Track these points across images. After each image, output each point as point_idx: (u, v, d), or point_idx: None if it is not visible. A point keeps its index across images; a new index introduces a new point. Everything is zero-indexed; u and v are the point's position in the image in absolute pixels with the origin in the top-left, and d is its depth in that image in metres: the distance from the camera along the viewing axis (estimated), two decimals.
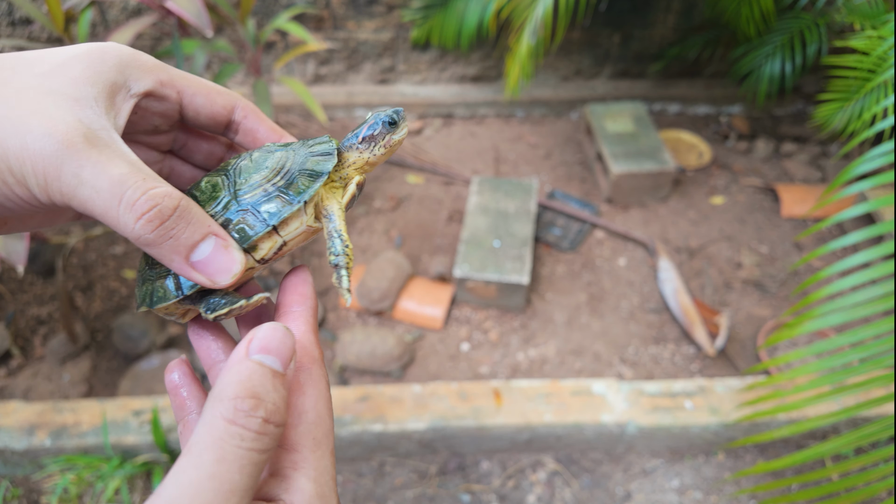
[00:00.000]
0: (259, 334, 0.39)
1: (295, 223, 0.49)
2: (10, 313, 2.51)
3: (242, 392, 0.36)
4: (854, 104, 2.17)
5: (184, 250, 0.42)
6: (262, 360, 0.38)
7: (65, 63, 0.41)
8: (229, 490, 0.33)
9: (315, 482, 0.40)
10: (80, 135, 0.38)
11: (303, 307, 0.48)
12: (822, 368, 1.59)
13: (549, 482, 2.15)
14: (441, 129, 3.71)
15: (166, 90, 0.47)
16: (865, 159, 1.56)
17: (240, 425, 0.35)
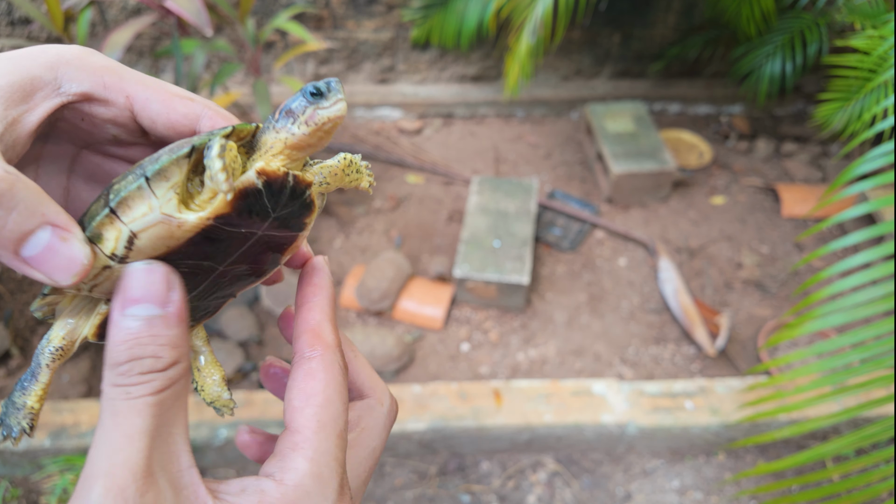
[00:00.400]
0: (125, 286, 0.38)
1: (141, 208, 0.37)
2: (7, 311, 2.51)
3: (121, 357, 0.36)
4: (854, 104, 2.17)
5: (10, 244, 0.34)
6: (133, 312, 0.37)
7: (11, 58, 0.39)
8: (133, 433, 0.34)
9: (312, 462, 0.40)
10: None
11: (318, 296, 0.47)
12: (823, 369, 1.58)
13: (550, 483, 2.15)
14: (441, 128, 3.71)
15: (111, 94, 0.42)
16: (866, 159, 1.56)
17: (121, 386, 0.35)
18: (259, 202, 0.40)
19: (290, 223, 0.43)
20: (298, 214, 0.43)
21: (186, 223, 0.38)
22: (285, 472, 0.39)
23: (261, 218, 0.41)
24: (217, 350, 2.38)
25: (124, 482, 0.33)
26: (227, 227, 0.40)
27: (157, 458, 0.35)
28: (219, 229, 0.40)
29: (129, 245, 0.38)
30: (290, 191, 0.41)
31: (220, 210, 0.39)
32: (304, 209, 0.43)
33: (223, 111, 0.45)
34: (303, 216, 0.44)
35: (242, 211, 0.40)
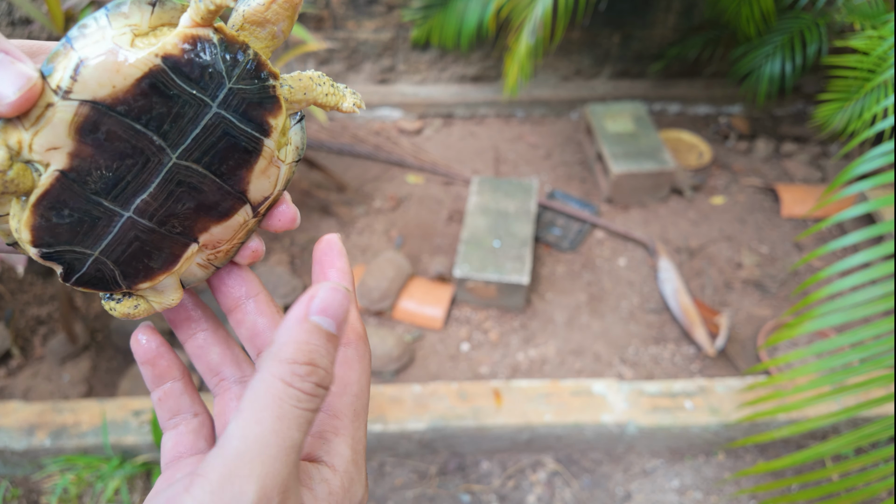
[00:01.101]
0: (320, 294, 0.39)
1: (95, 36, 0.36)
2: (8, 311, 2.51)
3: (301, 357, 0.37)
4: (854, 104, 2.17)
5: None
6: (320, 322, 0.38)
7: None
8: (290, 445, 0.36)
9: (352, 449, 0.43)
10: None
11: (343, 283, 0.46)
12: (822, 368, 1.58)
13: (549, 482, 2.15)
14: (441, 129, 3.71)
15: None
16: (865, 159, 1.56)
17: (297, 388, 0.36)
18: (213, 58, 0.38)
19: (250, 113, 0.40)
20: (259, 103, 0.40)
21: (133, 58, 0.36)
22: (333, 456, 0.42)
23: (214, 83, 0.38)
24: None
25: (272, 493, 0.35)
26: (176, 76, 0.37)
27: (294, 474, 0.37)
28: (166, 77, 0.37)
29: (75, 75, 0.35)
30: (247, 65, 0.39)
31: (168, 49, 0.37)
32: (265, 97, 0.40)
33: None
34: (264, 108, 0.41)
35: (193, 59, 0.37)
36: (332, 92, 0.44)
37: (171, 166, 0.39)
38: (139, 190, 0.39)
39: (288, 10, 0.39)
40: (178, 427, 0.48)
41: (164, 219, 0.41)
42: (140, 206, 0.39)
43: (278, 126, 0.41)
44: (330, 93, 0.44)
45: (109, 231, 0.39)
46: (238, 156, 0.41)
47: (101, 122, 0.36)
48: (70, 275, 0.41)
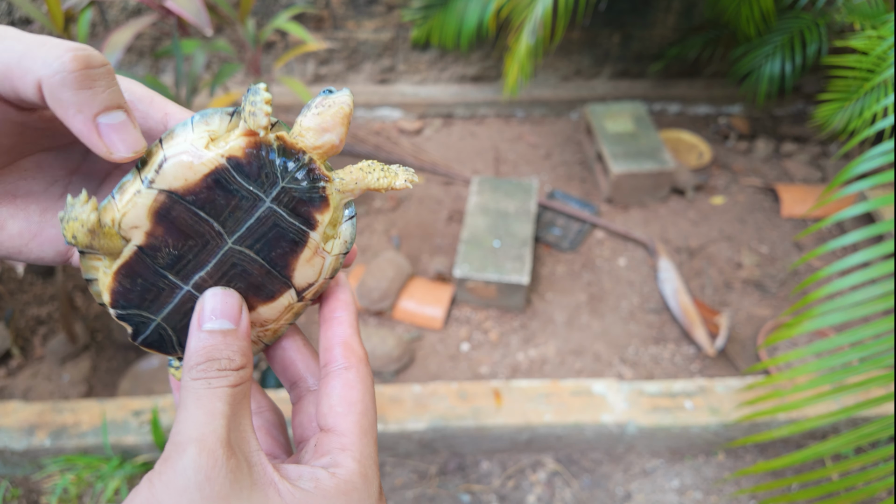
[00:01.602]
0: (206, 303, 0.45)
1: (179, 139, 0.43)
2: (8, 311, 2.51)
3: (200, 359, 0.42)
4: (854, 104, 2.17)
5: (96, 106, 0.39)
6: (211, 326, 0.44)
7: None
8: (215, 412, 0.40)
9: (359, 463, 0.45)
10: None
11: (345, 312, 0.51)
12: (821, 368, 1.58)
13: (549, 482, 2.15)
14: (441, 129, 3.71)
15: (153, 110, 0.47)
16: (865, 158, 1.56)
17: (203, 378, 0.42)
18: (270, 160, 0.44)
19: (299, 209, 0.46)
20: (307, 200, 0.46)
21: (204, 157, 0.43)
22: (337, 467, 0.44)
23: (269, 182, 0.44)
24: None
25: (213, 446, 0.38)
26: (237, 174, 0.44)
27: (234, 437, 0.40)
28: (228, 175, 0.43)
29: (158, 169, 0.43)
30: (301, 167, 0.45)
31: (234, 151, 0.43)
32: (314, 196, 0.46)
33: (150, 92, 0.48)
34: (312, 205, 0.46)
35: (253, 161, 0.44)
36: (383, 175, 0.48)
37: (227, 250, 0.46)
38: (198, 268, 0.45)
39: (339, 119, 0.45)
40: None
41: None
42: (198, 281, 0.46)
43: (324, 221, 0.47)
44: (381, 177, 0.48)
45: (171, 301, 0.46)
46: (286, 245, 0.46)
47: (172, 208, 0.43)
48: (136, 336, 0.47)
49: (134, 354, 2.46)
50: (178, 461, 0.38)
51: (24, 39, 0.38)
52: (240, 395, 0.43)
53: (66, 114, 0.39)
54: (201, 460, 0.38)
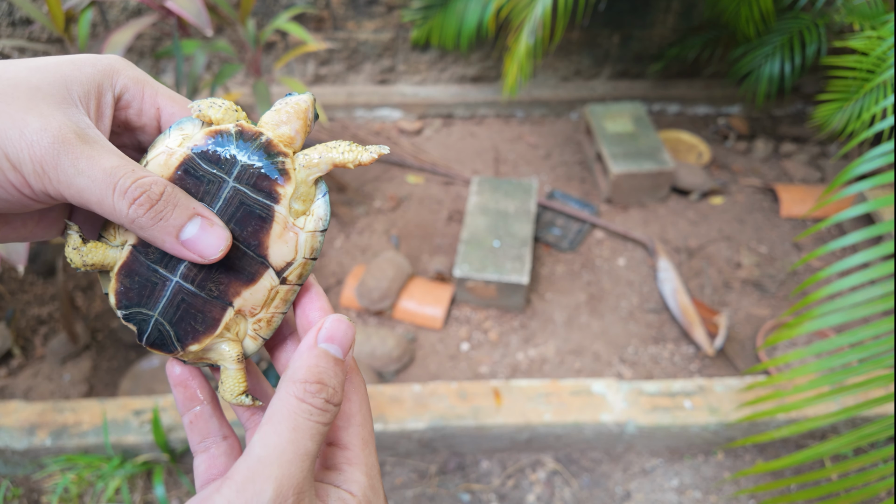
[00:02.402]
0: (326, 325, 0.46)
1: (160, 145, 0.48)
2: (9, 311, 2.51)
3: (311, 377, 0.44)
4: (853, 104, 2.18)
5: (173, 230, 0.44)
6: (327, 348, 0.46)
7: (57, 63, 0.45)
8: (304, 453, 0.42)
9: (367, 476, 0.47)
10: (72, 132, 0.42)
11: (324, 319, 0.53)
12: (821, 369, 1.59)
13: (549, 481, 2.16)
14: (441, 129, 3.72)
15: (146, 105, 0.49)
16: (865, 160, 1.57)
17: (308, 403, 0.43)
18: (229, 144, 0.48)
19: (260, 184, 0.47)
20: (267, 175, 0.48)
21: (175, 153, 0.47)
22: (351, 484, 0.46)
23: (230, 163, 0.47)
24: None
25: (287, 493, 0.40)
26: (201, 161, 0.47)
27: (309, 479, 0.42)
28: (194, 163, 0.47)
29: (146, 166, 0.47)
30: (259, 146, 0.48)
31: (196, 140, 0.47)
32: (272, 170, 0.48)
33: None
34: (272, 180, 0.48)
35: (214, 147, 0.47)
36: (349, 149, 0.49)
37: None
38: None
39: (294, 113, 0.49)
40: (209, 450, 0.52)
41: (203, 283, 0.48)
42: (184, 271, 0.48)
43: (287, 194, 0.48)
44: (346, 150, 0.49)
45: (164, 294, 0.48)
46: (255, 222, 0.48)
47: None
48: (141, 336, 0.49)
49: (134, 354, 2.46)
50: (256, 491, 0.40)
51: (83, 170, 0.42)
52: (324, 437, 0.44)
53: (157, 243, 0.45)
54: (277, 501, 0.40)
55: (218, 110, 0.48)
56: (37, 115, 0.41)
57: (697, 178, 3.17)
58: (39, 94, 0.43)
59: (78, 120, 0.43)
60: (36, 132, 0.41)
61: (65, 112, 0.43)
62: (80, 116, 0.44)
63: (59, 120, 0.42)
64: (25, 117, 0.41)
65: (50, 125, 0.41)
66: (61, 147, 0.41)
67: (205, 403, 0.53)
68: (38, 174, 0.41)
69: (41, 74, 0.44)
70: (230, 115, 0.49)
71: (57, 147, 0.41)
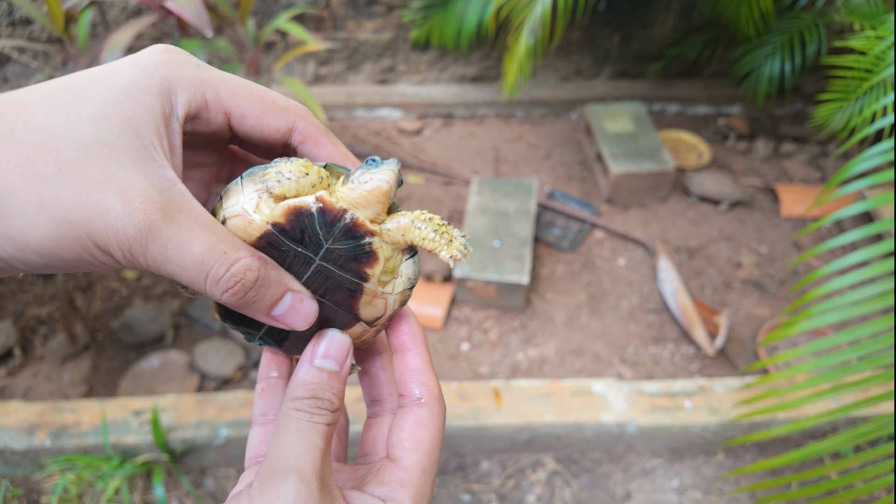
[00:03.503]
0: (323, 341, 0.49)
1: (232, 200, 0.47)
2: (18, 310, 2.51)
3: (306, 393, 0.47)
4: (853, 104, 2.18)
5: (266, 309, 0.46)
6: (322, 364, 0.48)
7: (116, 101, 0.41)
8: (314, 445, 0.45)
9: (415, 501, 0.49)
10: (157, 209, 0.40)
11: (418, 344, 0.55)
12: (820, 367, 1.59)
13: (549, 482, 2.16)
14: (441, 129, 3.72)
15: (212, 113, 0.47)
16: (863, 158, 1.57)
17: (305, 411, 0.46)
18: (311, 224, 0.46)
19: (348, 265, 0.48)
20: (355, 257, 0.48)
21: (254, 222, 0.46)
22: (394, 501, 0.48)
23: (314, 243, 0.47)
24: (217, 350, 2.39)
25: (311, 478, 0.43)
26: (284, 237, 0.47)
27: (323, 471, 0.45)
28: (277, 238, 0.46)
29: (223, 223, 0.47)
30: (344, 227, 0.47)
31: (276, 217, 0.46)
32: (360, 253, 0.48)
33: (314, 120, 0.51)
34: (360, 261, 0.48)
35: (295, 226, 0.46)
36: (432, 238, 0.49)
37: None
38: None
39: (375, 197, 0.47)
40: (268, 426, 0.56)
41: None
42: None
43: (375, 273, 0.49)
44: (428, 238, 0.49)
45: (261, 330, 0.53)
46: (344, 292, 0.49)
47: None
48: (249, 339, 0.54)
49: (134, 354, 2.46)
50: (280, 486, 0.43)
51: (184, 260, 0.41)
52: (331, 433, 0.47)
53: (248, 314, 0.47)
54: (301, 489, 0.43)
55: (289, 185, 0.46)
56: (117, 194, 0.39)
57: (725, 187, 3.16)
58: (113, 157, 0.40)
59: (159, 182, 0.41)
60: (120, 218, 0.39)
61: (144, 174, 0.40)
62: (160, 173, 0.41)
63: (141, 194, 0.39)
64: (106, 198, 0.38)
65: (133, 205, 0.39)
66: (148, 234, 0.39)
67: (282, 379, 0.57)
68: (128, 259, 0.40)
69: (106, 126, 0.40)
70: (304, 183, 0.46)
71: (143, 235, 0.39)
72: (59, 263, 0.41)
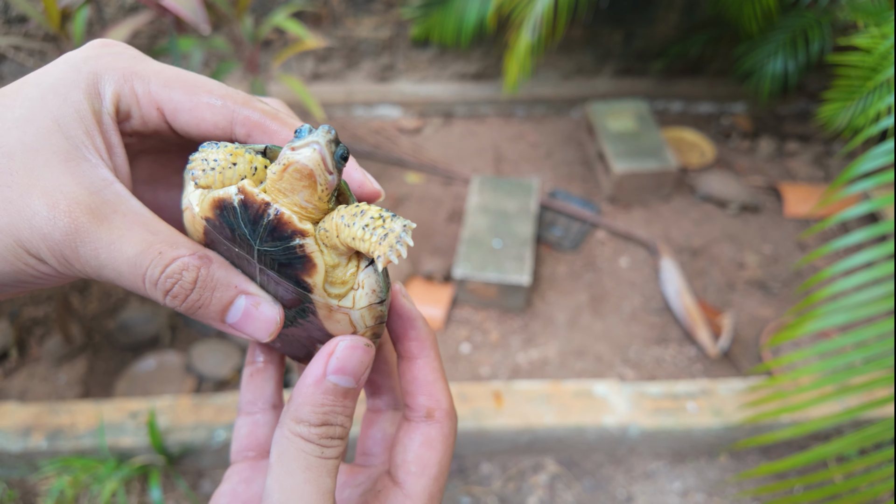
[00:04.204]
0: (338, 352, 0.41)
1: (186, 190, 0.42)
2: (14, 310, 2.50)
3: (315, 419, 0.40)
4: (857, 102, 2.15)
5: (216, 315, 0.41)
6: (336, 381, 0.41)
7: (42, 100, 0.38)
8: (324, 491, 0.40)
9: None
10: (84, 210, 0.37)
11: (427, 351, 0.48)
12: (825, 369, 1.57)
13: (550, 485, 2.14)
14: (441, 127, 3.69)
15: (145, 110, 0.42)
16: (868, 157, 1.54)
17: (316, 444, 0.40)
18: (235, 220, 0.39)
19: (284, 271, 0.40)
20: (288, 262, 0.40)
21: (193, 212, 0.41)
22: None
23: (245, 242, 0.40)
24: (214, 351, 2.38)
25: None
26: (217, 233, 0.41)
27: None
28: (214, 233, 0.41)
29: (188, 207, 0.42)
30: (269, 225, 0.39)
31: (205, 212, 0.40)
32: (293, 258, 0.40)
33: (258, 105, 0.44)
34: (295, 267, 0.40)
35: (223, 221, 0.40)
36: (360, 236, 0.39)
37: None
38: None
39: (296, 181, 0.38)
40: (255, 415, 0.51)
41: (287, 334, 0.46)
42: None
43: (317, 283, 0.40)
44: (357, 237, 0.39)
45: None
46: (300, 307, 0.42)
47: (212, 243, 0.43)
48: None
49: (131, 355, 2.44)
50: None
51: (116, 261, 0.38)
52: (338, 466, 0.42)
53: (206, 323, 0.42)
54: None
55: (213, 175, 0.40)
56: (42, 197, 0.36)
57: (730, 188, 3.13)
58: (40, 160, 0.37)
59: (90, 182, 0.38)
60: (46, 222, 0.36)
61: (72, 175, 0.37)
62: (91, 172, 0.38)
63: (67, 196, 0.36)
64: (31, 203, 0.36)
65: (59, 207, 0.36)
66: (76, 237, 0.36)
67: (270, 364, 0.52)
68: (64, 265, 0.37)
69: (33, 128, 0.37)
70: (229, 175, 0.40)
71: (72, 238, 0.36)
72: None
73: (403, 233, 0.39)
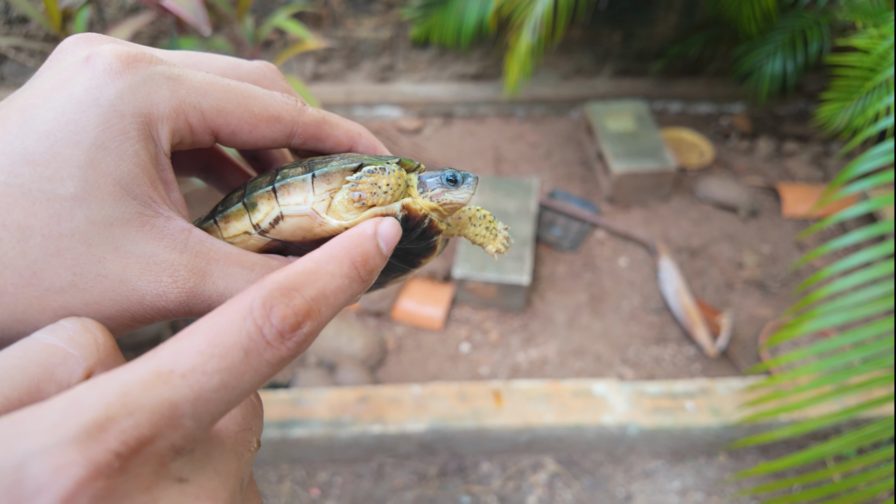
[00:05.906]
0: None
1: (298, 197, 0.42)
2: None
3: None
4: (856, 103, 2.16)
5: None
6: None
7: (93, 165, 0.34)
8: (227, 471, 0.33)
9: None
10: (188, 274, 0.36)
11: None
12: (823, 368, 1.57)
13: (550, 483, 2.14)
14: (441, 127, 3.70)
15: (198, 137, 0.40)
16: (866, 158, 1.55)
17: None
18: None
19: (409, 258, 0.49)
20: (418, 253, 0.49)
21: (328, 224, 0.43)
22: None
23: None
24: None
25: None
26: None
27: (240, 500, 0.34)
28: None
29: (275, 223, 0.43)
30: (421, 231, 0.46)
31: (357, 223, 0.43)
32: (426, 249, 0.49)
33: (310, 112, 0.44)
34: (422, 255, 0.49)
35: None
36: (483, 234, 0.52)
37: None
38: None
39: (454, 210, 0.47)
40: None
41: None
42: None
43: (428, 262, 0.51)
44: (480, 234, 0.52)
45: None
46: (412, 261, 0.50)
47: (287, 251, 0.46)
48: None
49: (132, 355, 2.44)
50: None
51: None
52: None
53: None
54: None
55: (384, 198, 0.43)
56: (142, 276, 0.35)
57: (731, 191, 3.14)
58: (118, 234, 0.34)
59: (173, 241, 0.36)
60: (157, 299, 0.35)
61: (157, 238, 0.35)
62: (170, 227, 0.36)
63: (166, 267, 0.35)
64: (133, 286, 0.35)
65: (163, 282, 0.35)
66: (189, 303, 0.35)
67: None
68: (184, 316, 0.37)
69: (97, 202, 0.34)
70: (397, 194, 0.44)
71: (186, 305, 0.35)
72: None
73: (507, 232, 0.53)
